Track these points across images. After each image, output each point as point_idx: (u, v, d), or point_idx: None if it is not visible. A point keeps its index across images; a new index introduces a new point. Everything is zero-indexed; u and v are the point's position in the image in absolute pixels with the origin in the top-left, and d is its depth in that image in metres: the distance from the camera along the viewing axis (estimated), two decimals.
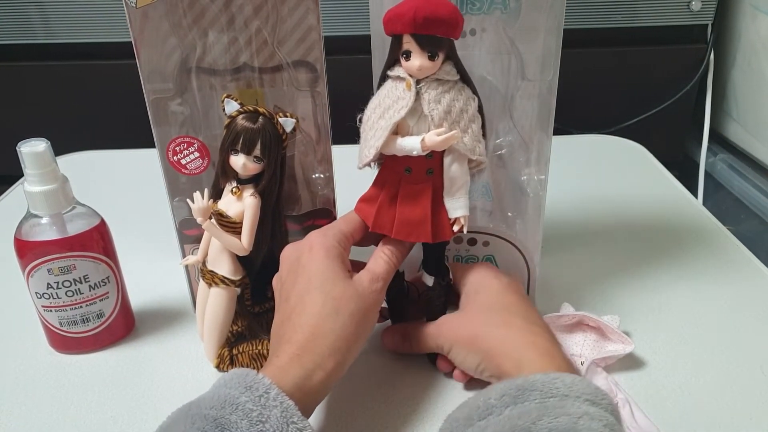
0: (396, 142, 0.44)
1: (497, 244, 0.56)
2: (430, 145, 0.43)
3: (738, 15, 0.99)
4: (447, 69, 0.43)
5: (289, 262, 0.46)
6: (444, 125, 0.43)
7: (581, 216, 0.75)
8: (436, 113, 0.43)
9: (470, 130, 0.44)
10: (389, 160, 0.46)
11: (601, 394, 0.37)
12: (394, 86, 0.44)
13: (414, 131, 0.44)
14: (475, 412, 0.37)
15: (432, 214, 0.46)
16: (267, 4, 0.47)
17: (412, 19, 0.40)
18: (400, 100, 0.43)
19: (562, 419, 0.34)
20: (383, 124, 0.44)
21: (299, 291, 0.44)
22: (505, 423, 0.35)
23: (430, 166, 0.45)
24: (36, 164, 0.48)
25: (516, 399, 0.36)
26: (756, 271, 0.63)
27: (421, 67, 0.42)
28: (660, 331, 0.55)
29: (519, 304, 0.47)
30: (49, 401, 0.49)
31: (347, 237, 0.47)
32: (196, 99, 0.51)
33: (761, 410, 0.46)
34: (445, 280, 0.51)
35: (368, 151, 0.45)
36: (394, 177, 0.46)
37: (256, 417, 0.35)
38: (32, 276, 0.50)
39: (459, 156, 0.45)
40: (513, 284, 0.49)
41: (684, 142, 1.10)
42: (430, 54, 0.42)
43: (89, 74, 1.02)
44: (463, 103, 0.44)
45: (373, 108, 0.45)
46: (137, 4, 0.46)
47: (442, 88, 0.43)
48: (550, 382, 0.37)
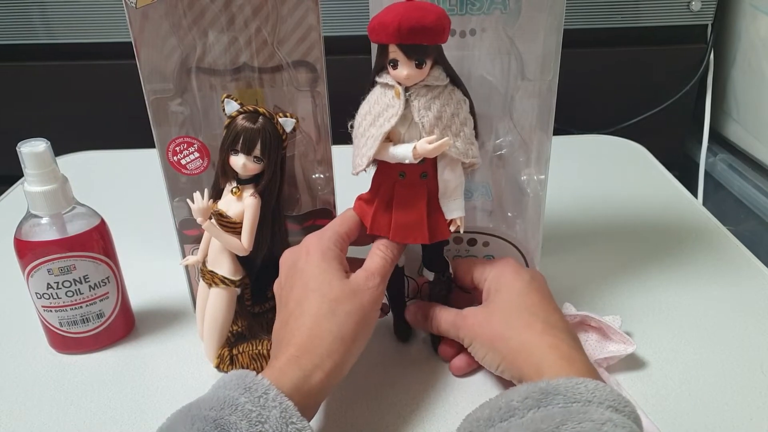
0: (388, 150, 0.44)
1: (497, 244, 0.56)
2: (422, 153, 0.43)
3: (738, 15, 0.99)
4: (436, 74, 0.43)
5: (287, 266, 0.46)
6: (435, 131, 0.43)
7: (581, 216, 0.75)
8: (427, 120, 0.43)
9: (462, 133, 0.44)
10: (383, 164, 0.46)
11: (623, 401, 0.37)
12: (383, 93, 0.44)
13: (405, 138, 0.44)
14: (496, 413, 0.37)
15: (428, 217, 0.46)
16: (267, 4, 0.47)
17: (397, 30, 0.40)
18: (389, 108, 0.43)
19: (586, 425, 0.34)
20: (374, 133, 0.44)
21: (297, 295, 0.44)
22: (528, 426, 0.35)
23: (424, 170, 0.45)
24: (36, 164, 0.48)
25: (539, 402, 0.36)
26: (756, 271, 0.63)
27: (408, 76, 0.42)
28: (659, 331, 0.55)
29: (541, 304, 0.46)
30: (49, 401, 0.49)
31: (343, 238, 0.47)
32: (196, 99, 0.51)
33: (761, 410, 0.46)
34: (445, 275, 0.51)
35: (361, 159, 0.45)
36: (389, 181, 0.46)
37: (255, 418, 0.35)
38: (32, 276, 0.50)
39: (452, 160, 0.45)
40: (535, 282, 0.48)
41: (684, 142, 1.10)
42: (417, 62, 0.41)
43: (89, 74, 1.02)
44: (454, 108, 0.44)
45: (364, 115, 0.45)
46: (137, 4, 0.46)
47: (432, 94, 0.43)
48: (573, 387, 0.37)
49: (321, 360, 0.40)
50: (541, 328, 0.44)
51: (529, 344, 0.43)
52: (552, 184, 0.54)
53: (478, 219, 0.56)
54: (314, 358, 0.40)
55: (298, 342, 0.41)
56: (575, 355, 0.41)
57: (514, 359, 0.43)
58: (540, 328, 0.44)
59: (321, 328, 0.42)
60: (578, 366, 0.40)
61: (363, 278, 0.44)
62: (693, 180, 1.05)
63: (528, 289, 0.47)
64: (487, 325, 0.46)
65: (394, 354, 0.53)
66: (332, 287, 0.43)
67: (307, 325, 0.42)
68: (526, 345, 0.43)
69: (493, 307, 0.47)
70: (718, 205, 1.01)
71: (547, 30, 0.48)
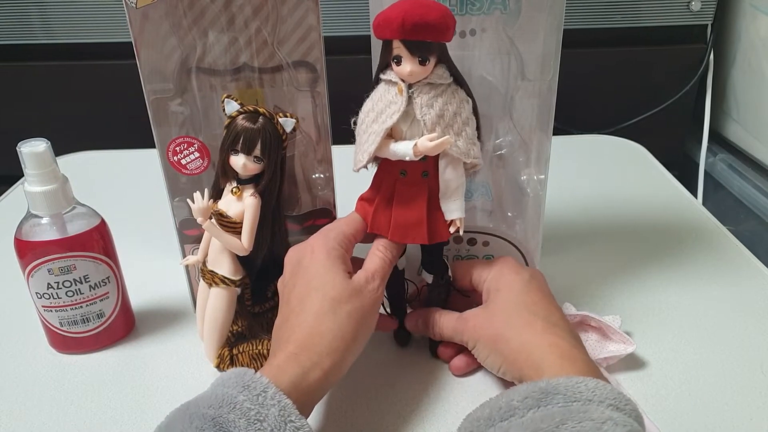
0: (389, 146, 0.44)
1: (497, 244, 0.56)
2: (423, 150, 0.43)
3: (738, 15, 0.99)
4: (439, 72, 0.43)
5: (291, 264, 0.46)
6: (437, 129, 0.43)
7: (581, 216, 0.75)
8: (429, 118, 0.43)
9: (464, 133, 0.44)
10: (384, 162, 0.46)
11: (624, 399, 0.37)
12: (386, 90, 0.44)
13: (407, 135, 0.44)
14: (496, 412, 0.37)
15: (428, 216, 0.46)
16: (267, 4, 0.47)
17: (401, 26, 0.40)
18: (392, 104, 0.43)
19: (585, 424, 0.34)
20: (376, 129, 0.44)
21: (299, 293, 0.44)
22: (528, 425, 0.35)
23: (425, 169, 0.45)
24: (36, 164, 0.48)
25: (539, 402, 0.36)
26: (756, 271, 0.63)
27: (411, 73, 0.42)
28: (659, 331, 0.55)
29: (541, 303, 0.46)
30: (49, 401, 0.49)
31: (349, 238, 0.47)
32: (196, 99, 0.51)
33: (761, 410, 0.46)
34: (444, 278, 0.51)
35: (362, 155, 0.45)
36: (390, 179, 0.46)
37: (254, 416, 0.35)
38: (32, 276, 0.50)
39: (453, 159, 0.45)
40: (534, 281, 0.48)
41: (684, 142, 1.10)
42: (420, 59, 0.41)
43: (89, 74, 1.02)
44: (456, 107, 0.44)
45: (367, 111, 0.45)
46: (137, 4, 0.46)
47: (435, 92, 0.43)
48: (573, 386, 0.37)
49: (320, 358, 0.40)
50: (542, 326, 0.43)
51: (530, 344, 0.43)
52: (552, 184, 0.54)
53: (478, 219, 0.56)
54: (313, 355, 0.40)
55: (298, 339, 0.41)
56: (576, 353, 0.41)
57: (515, 360, 0.43)
58: (540, 326, 0.43)
59: (321, 327, 0.42)
60: (579, 365, 0.40)
61: (364, 279, 0.44)
62: (693, 180, 1.05)
63: (528, 287, 0.47)
64: (488, 326, 0.46)
65: (394, 354, 0.53)
66: (334, 286, 0.43)
67: (308, 322, 0.42)
68: (526, 345, 0.43)
69: (493, 307, 0.47)
70: (718, 205, 1.01)
71: (547, 30, 0.48)
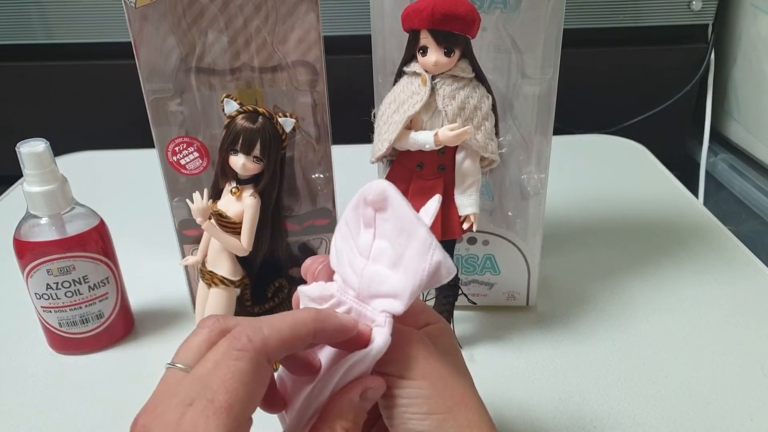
0: (409, 136, 0.45)
1: (497, 243, 0.56)
2: (443, 139, 0.43)
3: (739, 14, 0.99)
4: (462, 66, 0.44)
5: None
6: (458, 121, 0.44)
7: (581, 216, 0.75)
8: (450, 109, 0.43)
9: (483, 127, 0.45)
10: (401, 155, 0.46)
11: None
12: (409, 82, 0.45)
13: (427, 126, 0.45)
14: None
15: (441, 211, 0.46)
16: (266, 4, 0.47)
17: (430, 15, 0.41)
18: (415, 95, 0.44)
19: None
20: (397, 119, 0.44)
21: None
22: None
23: (442, 163, 0.45)
24: (35, 164, 0.48)
25: None
26: (756, 271, 0.63)
27: (437, 63, 0.43)
28: (660, 331, 0.55)
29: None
30: (49, 401, 0.49)
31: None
32: (196, 99, 0.50)
33: (761, 410, 0.46)
34: (453, 280, 0.50)
35: (381, 144, 0.45)
36: (406, 173, 0.46)
37: None
38: (32, 276, 0.50)
39: (471, 152, 0.45)
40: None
41: (685, 141, 1.10)
42: (446, 50, 0.43)
43: (89, 74, 1.02)
44: (477, 101, 0.44)
45: (388, 103, 0.46)
46: (136, 4, 0.46)
47: (457, 85, 0.44)
48: None
49: None
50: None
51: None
52: (552, 184, 0.54)
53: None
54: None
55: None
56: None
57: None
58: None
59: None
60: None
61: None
62: (694, 180, 1.05)
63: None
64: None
65: None
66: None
67: None
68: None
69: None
70: (719, 205, 1.01)
71: (547, 29, 0.48)
